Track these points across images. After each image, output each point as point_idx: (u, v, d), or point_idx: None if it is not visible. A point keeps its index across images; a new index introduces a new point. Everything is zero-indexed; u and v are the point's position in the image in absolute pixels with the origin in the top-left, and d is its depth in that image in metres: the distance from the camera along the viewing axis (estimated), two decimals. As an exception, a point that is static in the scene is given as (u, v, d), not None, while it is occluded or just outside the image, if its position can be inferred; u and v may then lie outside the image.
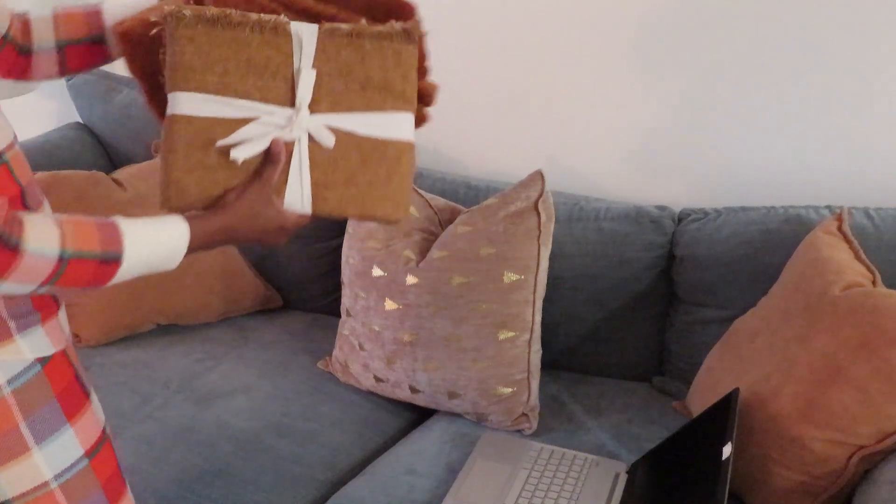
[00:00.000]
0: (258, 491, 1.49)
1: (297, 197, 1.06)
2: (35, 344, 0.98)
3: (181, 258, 1.00)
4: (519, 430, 1.63)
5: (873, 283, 1.42)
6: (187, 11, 1.01)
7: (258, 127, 1.03)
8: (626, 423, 1.64)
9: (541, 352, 1.67)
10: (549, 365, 1.83)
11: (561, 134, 1.93)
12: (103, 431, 1.07)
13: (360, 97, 1.06)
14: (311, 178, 1.05)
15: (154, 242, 0.97)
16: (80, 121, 2.30)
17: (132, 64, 1.13)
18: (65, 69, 1.13)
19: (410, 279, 1.64)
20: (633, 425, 1.63)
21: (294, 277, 2.08)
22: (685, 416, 1.67)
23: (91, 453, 1.03)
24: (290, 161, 1.05)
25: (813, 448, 1.29)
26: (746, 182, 1.80)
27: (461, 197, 1.86)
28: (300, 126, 1.04)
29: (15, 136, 1.01)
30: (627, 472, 1.48)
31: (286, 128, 1.03)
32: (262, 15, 1.04)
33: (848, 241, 1.48)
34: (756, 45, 1.70)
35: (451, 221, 1.75)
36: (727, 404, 1.33)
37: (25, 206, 0.98)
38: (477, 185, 1.87)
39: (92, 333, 1.87)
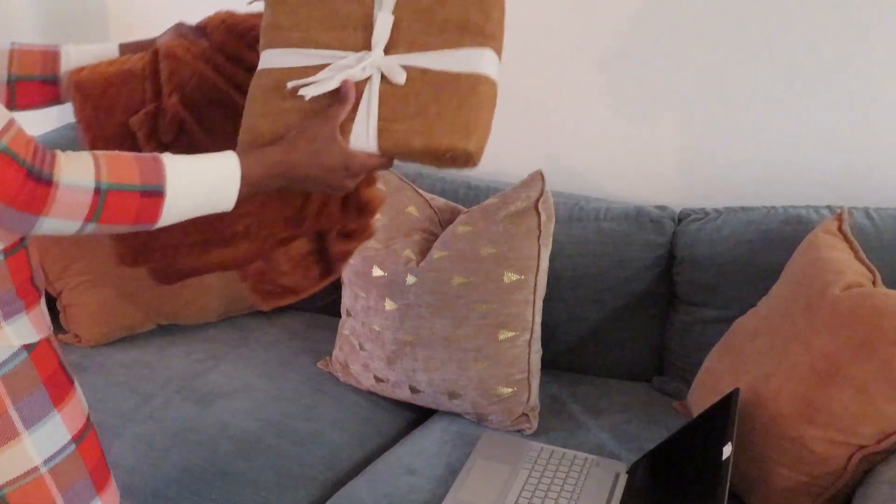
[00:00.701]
0: (258, 491, 1.49)
1: (364, 132, 1.03)
2: (20, 331, 0.98)
3: (235, 193, 0.98)
4: (519, 430, 1.63)
5: (873, 283, 1.42)
6: None
7: (331, 70, 1.04)
8: (626, 423, 1.64)
9: (541, 352, 1.67)
10: (549, 365, 1.83)
11: (561, 134, 1.93)
12: (88, 419, 1.07)
13: (438, 37, 1.05)
14: (380, 114, 1.03)
15: (201, 175, 0.95)
16: (80, 121, 2.30)
17: (80, 113, 1.15)
18: (13, 103, 1.13)
19: (410, 279, 1.64)
20: (633, 425, 1.63)
21: (294, 277, 2.07)
22: (685, 416, 1.66)
23: (78, 439, 1.04)
24: (360, 100, 1.04)
25: (813, 448, 1.29)
26: (746, 182, 1.80)
27: (461, 197, 1.86)
28: (372, 64, 1.03)
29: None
30: (627, 472, 1.48)
31: (357, 67, 1.03)
32: None
33: (848, 241, 1.48)
34: (756, 45, 1.70)
35: (451, 221, 1.75)
36: (727, 404, 1.33)
37: None
38: (477, 185, 1.87)
39: (92, 333, 1.87)
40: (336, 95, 1.03)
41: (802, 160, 1.74)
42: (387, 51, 1.05)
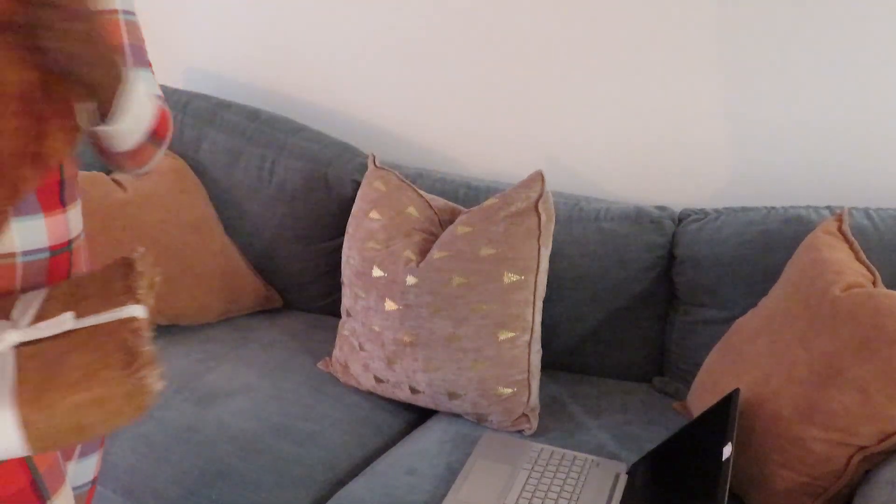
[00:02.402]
0: (258, 491, 1.49)
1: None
2: None
3: None
4: (519, 431, 1.63)
5: (873, 283, 1.42)
6: None
7: None
8: (627, 423, 1.64)
9: (541, 352, 1.67)
10: (549, 365, 1.83)
11: (561, 134, 1.93)
12: None
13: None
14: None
15: None
16: (80, 121, 2.30)
17: None
18: None
19: (410, 279, 1.64)
20: (634, 426, 1.63)
21: (294, 278, 2.08)
22: (685, 416, 1.67)
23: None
24: None
25: (813, 448, 1.29)
26: (746, 182, 1.80)
27: (461, 197, 1.86)
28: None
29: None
30: (627, 473, 1.48)
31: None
32: None
33: (848, 242, 1.48)
34: (756, 45, 1.70)
35: (451, 222, 1.75)
36: (727, 404, 1.33)
37: (61, 200, 1.01)
38: (477, 185, 1.87)
39: (92, 333, 1.87)
40: None
41: (802, 160, 1.75)
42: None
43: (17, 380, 0.83)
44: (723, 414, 1.32)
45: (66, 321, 0.90)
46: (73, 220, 1.04)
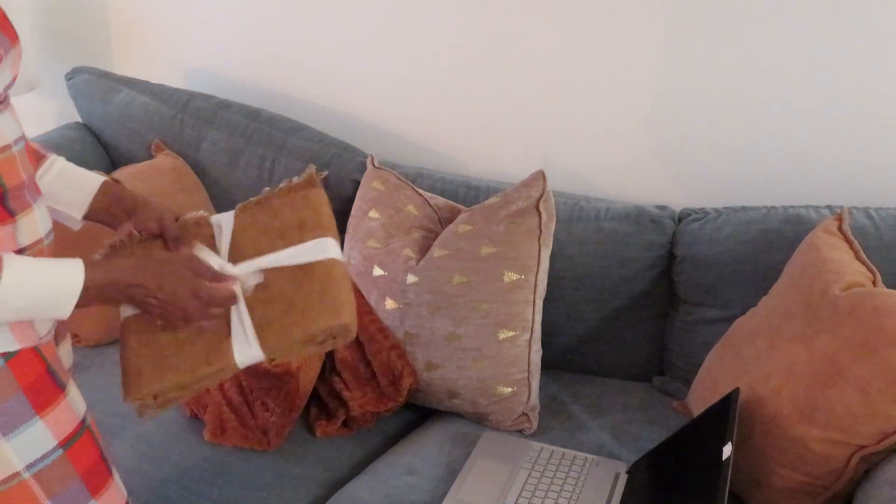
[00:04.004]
0: (258, 491, 1.49)
1: (244, 341, 1.09)
2: None
3: (72, 304, 0.98)
4: (519, 430, 1.63)
5: (873, 283, 1.42)
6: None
7: None
8: (627, 423, 1.64)
9: (541, 351, 1.67)
10: (549, 365, 1.83)
11: (561, 134, 1.93)
12: (81, 423, 1.07)
13: (281, 240, 1.16)
14: (253, 320, 1.10)
15: (37, 280, 0.95)
16: (80, 121, 2.30)
17: None
18: None
19: (411, 278, 1.64)
20: (634, 425, 1.63)
21: (294, 277, 2.07)
22: (685, 416, 1.66)
23: (66, 444, 1.04)
24: (230, 314, 1.10)
25: (813, 448, 1.29)
26: (746, 182, 1.80)
27: (461, 197, 1.86)
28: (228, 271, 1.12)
29: (21, 136, 1.02)
30: (627, 472, 1.48)
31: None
32: (187, 215, 1.21)
33: (848, 241, 1.48)
34: (756, 45, 1.70)
35: (450, 220, 1.75)
36: (727, 404, 1.33)
37: (6, 209, 0.99)
38: (477, 185, 1.87)
39: (91, 334, 1.87)
40: None
41: (802, 160, 1.74)
42: (235, 260, 1.14)
43: (253, 324, 1.09)
44: (723, 414, 1.32)
45: (280, 260, 1.13)
46: (24, 228, 1.02)
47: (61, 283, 0.97)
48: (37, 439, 1.01)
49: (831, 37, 1.65)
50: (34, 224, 1.03)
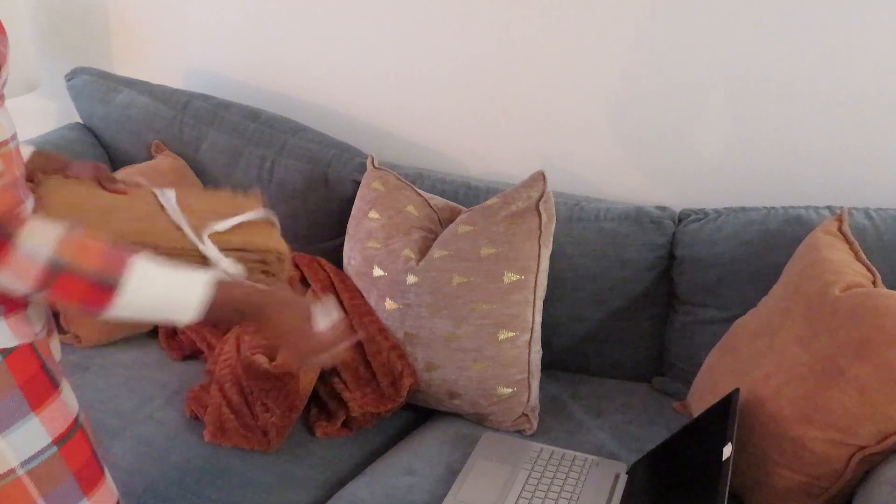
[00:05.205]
0: (258, 491, 1.49)
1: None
2: None
3: (195, 311, 0.98)
4: (519, 431, 1.63)
5: (874, 283, 1.42)
6: None
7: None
8: (626, 423, 1.64)
9: (541, 352, 1.67)
10: (549, 365, 1.83)
11: (561, 134, 1.93)
12: (75, 420, 1.07)
13: (217, 217, 1.26)
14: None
15: (167, 287, 0.95)
16: (80, 121, 2.30)
17: None
18: None
19: (411, 279, 1.64)
20: (633, 425, 1.63)
21: (294, 277, 2.07)
22: (685, 416, 1.66)
23: (60, 441, 1.04)
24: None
25: (813, 448, 1.29)
26: (746, 182, 1.80)
27: (461, 197, 1.86)
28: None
29: (15, 133, 1.02)
30: (627, 473, 1.48)
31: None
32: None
33: (848, 242, 1.48)
34: (756, 45, 1.70)
35: (450, 220, 1.75)
36: (727, 405, 1.33)
37: None
38: (477, 185, 1.87)
39: (91, 334, 1.87)
40: None
41: (802, 160, 1.74)
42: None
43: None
44: (723, 414, 1.32)
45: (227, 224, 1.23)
46: None
47: (183, 300, 0.98)
48: (32, 436, 1.01)
49: (831, 37, 1.65)
50: None
